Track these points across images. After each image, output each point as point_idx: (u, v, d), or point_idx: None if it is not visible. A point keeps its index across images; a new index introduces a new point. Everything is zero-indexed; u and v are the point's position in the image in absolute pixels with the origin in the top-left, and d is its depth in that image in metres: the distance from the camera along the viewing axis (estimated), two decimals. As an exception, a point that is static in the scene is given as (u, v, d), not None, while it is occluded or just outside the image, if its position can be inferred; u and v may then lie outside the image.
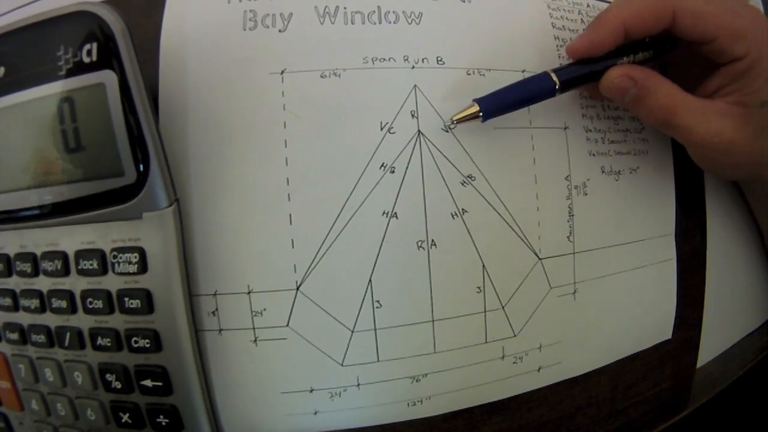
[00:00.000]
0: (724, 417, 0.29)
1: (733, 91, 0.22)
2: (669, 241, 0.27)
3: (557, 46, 0.25)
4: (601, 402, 0.26)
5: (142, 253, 0.19)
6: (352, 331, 0.21)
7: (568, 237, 0.24)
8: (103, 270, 0.20)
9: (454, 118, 0.21)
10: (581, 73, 0.22)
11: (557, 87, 0.22)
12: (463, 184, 0.22)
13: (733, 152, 0.22)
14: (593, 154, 0.25)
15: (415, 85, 0.22)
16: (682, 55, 0.24)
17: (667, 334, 0.27)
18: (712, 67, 0.23)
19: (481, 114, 0.21)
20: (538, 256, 0.23)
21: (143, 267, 0.19)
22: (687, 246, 0.28)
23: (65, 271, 0.20)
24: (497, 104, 0.21)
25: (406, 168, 0.22)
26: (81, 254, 0.20)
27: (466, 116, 0.21)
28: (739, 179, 0.28)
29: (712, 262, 0.28)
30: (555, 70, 0.22)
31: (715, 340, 0.29)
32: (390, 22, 0.22)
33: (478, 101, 0.21)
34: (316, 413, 0.22)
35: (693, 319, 0.28)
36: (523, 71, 0.23)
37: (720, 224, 0.29)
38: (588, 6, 0.26)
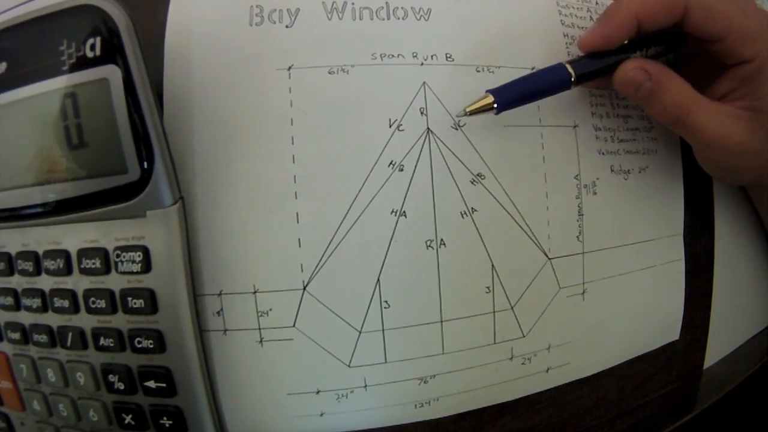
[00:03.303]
0: (731, 418, 0.29)
1: (743, 95, 0.22)
2: (677, 241, 0.27)
3: (566, 43, 0.24)
4: (608, 403, 0.26)
5: (145, 251, 0.19)
6: (360, 332, 0.21)
7: (577, 236, 0.24)
8: (106, 269, 0.19)
9: (467, 109, 0.20)
10: (597, 67, 0.22)
11: (573, 79, 0.21)
12: (472, 183, 0.22)
13: (742, 155, 0.22)
14: (603, 153, 0.24)
15: (424, 82, 0.22)
16: (691, 53, 0.24)
17: (675, 334, 0.27)
18: (720, 68, 0.22)
19: (495, 105, 0.20)
20: (547, 256, 0.23)
21: (147, 266, 0.19)
22: (695, 246, 0.27)
23: (67, 270, 0.19)
24: (511, 95, 0.21)
25: (415, 166, 0.21)
26: (84, 253, 0.19)
27: (479, 108, 0.20)
28: (745, 183, 0.28)
29: (720, 262, 0.28)
30: (570, 62, 0.21)
31: (722, 341, 0.29)
32: (398, 18, 0.22)
33: (492, 92, 0.20)
34: (322, 415, 0.21)
35: (700, 319, 0.28)
36: (532, 68, 0.23)
37: (728, 225, 0.29)
38: (597, 3, 0.26)
